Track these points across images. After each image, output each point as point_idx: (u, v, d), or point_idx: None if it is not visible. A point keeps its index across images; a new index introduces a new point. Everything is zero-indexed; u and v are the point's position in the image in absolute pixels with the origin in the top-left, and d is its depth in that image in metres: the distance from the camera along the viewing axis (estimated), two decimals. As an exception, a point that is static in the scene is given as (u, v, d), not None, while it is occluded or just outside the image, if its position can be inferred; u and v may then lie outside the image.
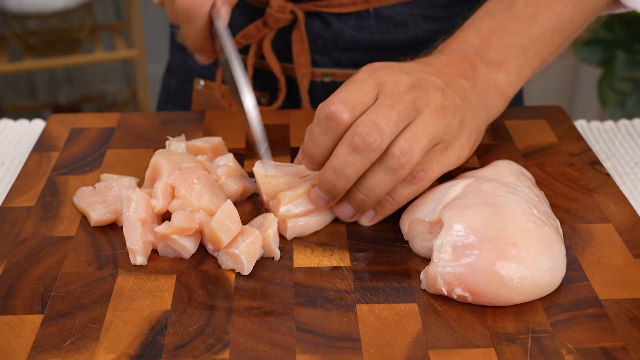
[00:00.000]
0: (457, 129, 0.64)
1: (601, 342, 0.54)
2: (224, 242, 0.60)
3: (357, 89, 0.62)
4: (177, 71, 1.00)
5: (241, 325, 0.55)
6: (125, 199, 0.63)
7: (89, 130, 0.80)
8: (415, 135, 0.61)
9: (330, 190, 0.62)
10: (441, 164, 0.64)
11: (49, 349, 0.53)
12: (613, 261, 0.62)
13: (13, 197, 0.69)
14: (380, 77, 0.63)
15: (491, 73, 0.69)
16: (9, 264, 0.61)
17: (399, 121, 0.61)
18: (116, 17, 2.55)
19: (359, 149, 0.59)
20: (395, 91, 0.62)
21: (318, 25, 0.86)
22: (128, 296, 0.58)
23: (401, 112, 0.61)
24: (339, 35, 0.86)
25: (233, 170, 0.68)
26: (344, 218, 0.65)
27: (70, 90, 2.52)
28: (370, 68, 0.64)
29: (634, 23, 1.78)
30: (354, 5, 0.84)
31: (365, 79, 0.63)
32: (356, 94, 0.62)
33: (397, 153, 0.60)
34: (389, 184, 0.62)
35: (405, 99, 0.61)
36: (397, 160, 0.61)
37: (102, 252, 0.62)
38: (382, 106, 0.61)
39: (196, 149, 0.71)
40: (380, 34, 0.86)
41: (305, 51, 0.85)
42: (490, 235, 0.57)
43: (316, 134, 0.62)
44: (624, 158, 0.83)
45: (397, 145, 0.61)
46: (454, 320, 0.56)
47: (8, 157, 0.82)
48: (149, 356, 0.52)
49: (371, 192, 0.62)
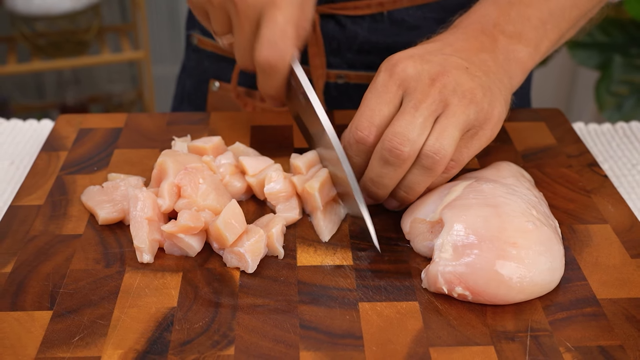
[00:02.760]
0: (487, 111, 0.63)
1: (599, 341, 0.54)
2: (229, 241, 0.60)
3: (380, 101, 0.63)
4: (192, 72, 1.00)
5: (246, 322, 0.55)
6: (132, 198, 0.63)
7: (96, 131, 0.80)
8: (445, 130, 0.61)
9: (373, 197, 0.66)
10: (471, 149, 0.64)
11: (58, 344, 0.53)
12: (610, 261, 0.62)
13: (22, 196, 0.69)
14: (401, 74, 0.63)
15: (511, 44, 0.68)
16: (18, 261, 0.61)
17: (426, 121, 0.61)
18: (122, 19, 2.55)
19: (390, 161, 0.62)
20: (419, 87, 0.62)
21: (333, 27, 0.86)
22: (135, 293, 0.58)
23: (427, 110, 0.61)
24: (353, 37, 0.87)
25: (235, 169, 0.69)
26: (390, 208, 0.68)
27: (78, 90, 2.52)
28: (390, 64, 0.64)
29: (631, 27, 1.78)
30: (369, 8, 0.85)
31: (387, 83, 0.63)
32: (380, 109, 0.63)
33: (430, 153, 0.61)
34: (427, 181, 0.64)
35: (431, 94, 0.62)
36: (431, 160, 0.62)
37: (110, 250, 0.63)
38: (407, 111, 0.61)
39: (197, 149, 0.71)
40: (393, 36, 0.86)
41: (320, 53, 0.86)
42: (490, 235, 0.58)
43: (351, 156, 0.65)
44: (622, 160, 0.83)
45: (428, 145, 0.61)
46: (454, 318, 0.56)
47: (17, 156, 0.83)
48: (155, 352, 0.53)
49: (411, 190, 0.65)
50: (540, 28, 0.69)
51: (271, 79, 0.68)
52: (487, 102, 0.63)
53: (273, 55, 0.66)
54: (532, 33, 0.69)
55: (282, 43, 0.65)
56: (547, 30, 0.70)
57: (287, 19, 0.65)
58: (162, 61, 2.64)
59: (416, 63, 0.63)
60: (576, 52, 1.79)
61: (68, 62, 2.21)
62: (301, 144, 0.78)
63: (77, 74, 2.56)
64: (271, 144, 0.77)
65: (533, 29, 0.69)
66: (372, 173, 0.64)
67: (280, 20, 0.65)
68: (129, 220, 0.64)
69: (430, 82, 0.62)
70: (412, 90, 0.62)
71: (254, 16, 0.66)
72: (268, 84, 0.69)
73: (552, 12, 0.70)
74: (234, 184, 0.68)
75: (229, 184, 0.68)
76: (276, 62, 0.66)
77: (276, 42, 0.65)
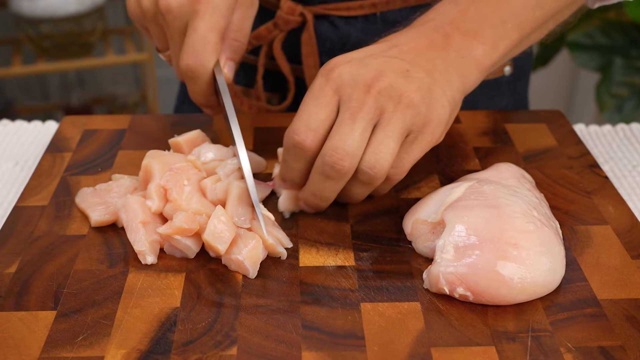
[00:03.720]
0: (425, 114, 0.62)
1: (599, 341, 0.54)
2: (221, 251, 0.60)
3: (316, 104, 0.63)
4: None
5: (248, 323, 0.55)
6: (120, 207, 0.64)
7: (100, 132, 0.80)
8: (380, 143, 0.61)
9: (316, 208, 0.67)
10: (411, 154, 0.64)
11: (61, 344, 0.53)
12: (611, 262, 0.62)
13: (27, 197, 0.70)
14: (337, 80, 0.63)
15: (465, 42, 0.66)
16: (22, 261, 0.61)
17: (364, 131, 0.61)
18: (126, 21, 2.56)
19: (332, 176, 0.62)
20: (354, 94, 0.62)
21: (326, 27, 0.87)
22: (138, 293, 0.58)
23: (364, 121, 0.61)
24: (346, 37, 0.87)
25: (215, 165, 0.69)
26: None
27: (82, 92, 2.53)
28: (327, 69, 0.64)
29: (631, 29, 1.79)
30: (362, 9, 0.85)
31: (323, 88, 0.63)
32: (316, 112, 0.62)
33: (366, 169, 0.62)
34: (367, 191, 0.65)
35: (367, 102, 0.61)
36: (368, 175, 0.62)
37: (114, 251, 0.63)
38: (344, 122, 0.61)
39: (175, 144, 0.72)
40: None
41: (314, 53, 0.86)
42: (491, 236, 0.58)
43: (289, 162, 0.65)
44: (622, 161, 0.83)
45: (364, 161, 0.62)
46: (455, 318, 0.56)
47: (22, 157, 0.83)
48: (158, 352, 0.53)
49: (353, 199, 0.67)
50: (499, 27, 0.68)
51: (194, 85, 0.70)
52: (425, 106, 0.62)
53: (194, 62, 0.68)
54: (490, 31, 0.67)
55: (202, 50, 0.67)
56: (507, 29, 0.68)
57: (208, 27, 0.67)
58: (165, 63, 2.63)
59: (352, 68, 0.63)
60: (577, 54, 1.80)
61: (72, 63, 2.21)
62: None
63: (81, 75, 2.57)
64: (273, 145, 0.77)
65: (491, 27, 0.67)
66: (314, 187, 0.64)
67: (202, 28, 0.67)
68: (121, 224, 0.64)
69: (366, 88, 0.62)
70: (348, 98, 0.62)
71: (181, 26, 0.68)
72: (193, 90, 0.71)
73: (514, 11, 0.68)
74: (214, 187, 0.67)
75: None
76: (196, 68, 0.68)
77: (196, 48, 0.67)
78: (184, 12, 0.67)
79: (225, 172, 0.67)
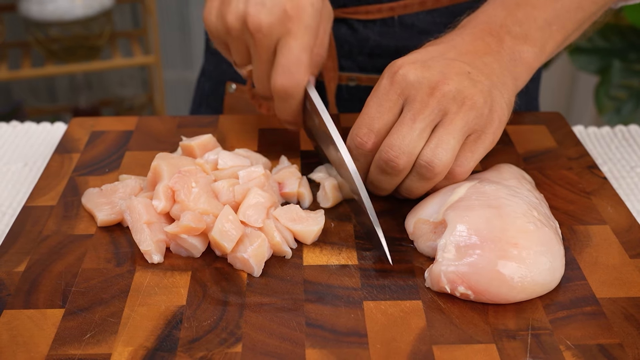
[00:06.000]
0: (488, 116, 0.64)
1: (598, 339, 0.54)
2: (228, 249, 0.61)
3: (381, 109, 0.64)
4: (211, 75, 1.02)
5: (253, 320, 0.56)
6: (125, 210, 0.64)
7: (108, 133, 0.81)
8: (441, 139, 0.62)
9: (376, 193, 0.68)
10: (476, 153, 0.65)
11: (69, 341, 0.54)
12: (610, 261, 0.62)
13: (36, 197, 0.70)
14: (402, 82, 0.64)
15: (517, 45, 0.68)
16: (31, 260, 0.62)
17: (422, 132, 0.62)
18: (134, 25, 2.57)
19: (387, 171, 0.64)
20: (419, 96, 0.63)
21: (345, 31, 0.88)
22: (145, 292, 0.59)
23: (425, 122, 0.62)
24: (364, 41, 0.88)
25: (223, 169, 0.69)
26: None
27: (90, 94, 2.54)
28: (392, 71, 0.65)
29: (629, 33, 1.79)
30: (380, 13, 0.86)
31: (388, 90, 0.64)
32: (380, 116, 0.64)
33: (424, 164, 0.63)
34: (425, 186, 0.65)
35: (430, 104, 0.62)
36: (425, 169, 0.63)
37: (121, 250, 0.63)
38: (404, 122, 0.63)
39: (187, 147, 0.72)
40: (404, 40, 0.87)
41: (332, 56, 0.87)
42: (492, 236, 0.58)
43: (354, 156, 0.66)
44: (620, 162, 0.84)
45: (423, 156, 0.63)
46: (456, 317, 0.56)
47: (31, 158, 0.84)
48: (165, 349, 0.53)
49: (412, 193, 0.67)
50: (546, 29, 0.70)
51: (287, 105, 0.69)
52: (487, 108, 0.64)
53: (288, 82, 0.67)
54: (538, 34, 0.69)
55: (296, 70, 0.66)
56: (553, 31, 0.70)
57: (302, 46, 0.66)
58: (172, 66, 2.65)
59: (417, 70, 0.64)
60: (576, 57, 1.80)
61: (81, 66, 2.22)
62: (307, 147, 0.78)
63: (89, 78, 2.58)
64: (278, 146, 0.78)
65: (539, 30, 0.69)
66: (372, 177, 0.66)
67: (295, 48, 0.65)
68: (127, 224, 0.65)
69: (430, 91, 0.63)
70: (412, 99, 0.63)
71: (271, 45, 0.66)
72: (284, 109, 0.70)
73: (558, 13, 0.70)
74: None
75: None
76: (291, 88, 0.67)
77: (291, 69, 0.66)
78: (274, 31, 0.65)
79: (249, 177, 0.67)
